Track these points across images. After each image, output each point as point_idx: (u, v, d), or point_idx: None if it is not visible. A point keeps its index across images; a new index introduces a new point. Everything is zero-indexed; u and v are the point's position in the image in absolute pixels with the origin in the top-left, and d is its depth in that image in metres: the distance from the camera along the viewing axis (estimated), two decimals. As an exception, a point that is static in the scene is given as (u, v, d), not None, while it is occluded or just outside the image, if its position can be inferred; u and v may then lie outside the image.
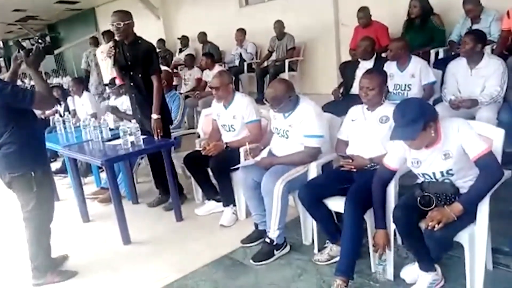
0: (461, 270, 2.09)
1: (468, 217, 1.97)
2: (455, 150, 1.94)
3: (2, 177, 2.49)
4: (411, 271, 2.24)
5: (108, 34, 7.19)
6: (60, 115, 4.32)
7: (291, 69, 5.93)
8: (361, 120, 2.53)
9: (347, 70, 4.37)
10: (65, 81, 8.96)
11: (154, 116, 3.29)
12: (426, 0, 4.44)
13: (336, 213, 2.51)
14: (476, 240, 2.00)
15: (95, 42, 8.17)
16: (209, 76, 5.92)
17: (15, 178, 2.42)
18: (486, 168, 1.89)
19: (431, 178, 2.07)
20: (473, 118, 2.98)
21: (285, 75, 5.73)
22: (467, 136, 1.92)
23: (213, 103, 3.40)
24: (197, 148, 3.51)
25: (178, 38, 7.92)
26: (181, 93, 6.04)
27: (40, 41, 2.43)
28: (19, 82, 2.77)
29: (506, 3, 3.88)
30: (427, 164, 2.04)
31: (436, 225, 1.87)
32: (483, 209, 1.95)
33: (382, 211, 2.18)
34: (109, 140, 3.38)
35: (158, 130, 3.29)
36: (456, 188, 2.03)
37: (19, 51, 2.44)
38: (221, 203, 3.28)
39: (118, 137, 3.19)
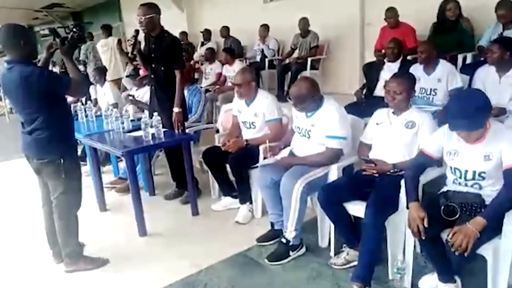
0: (482, 284, 2.03)
1: (493, 230, 1.92)
2: (496, 155, 1.91)
3: (31, 163, 2.52)
4: (430, 281, 2.19)
5: (105, 29, 7.85)
6: (82, 104, 4.36)
7: (313, 67, 5.85)
8: (386, 124, 2.48)
9: (371, 71, 4.31)
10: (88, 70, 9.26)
11: (176, 109, 3.29)
12: (458, 3, 4.31)
13: (355, 217, 2.47)
14: (501, 254, 1.94)
15: (91, 36, 8.95)
16: (229, 71, 5.92)
17: (44, 164, 2.44)
18: (510, 181, 1.85)
19: (460, 177, 2.03)
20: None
21: (307, 73, 5.67)
22: (509, 144, 1.89)
23: (235, 99, 3.39)
24: (216, 144, 3.50)
25: (201, 32, 7.92)
26: (201, 87, 6.07)
27: (74, 30, 2.45)
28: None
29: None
30: (463, 158, 2.00)
31: (460, 247, 1.81)
32: (510, 223, 1.89)
33: (415, 188, 2.09)
34: (130, 131, 3.39)
35: (179, 124, 3.29)
36: (482, 199, 1.98)
37: (54, 39, 2.47)
38: (237, 200, 3.27)
39: (139, 129, 3.20)
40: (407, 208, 2.07)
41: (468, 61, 4.21)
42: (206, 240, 2.95)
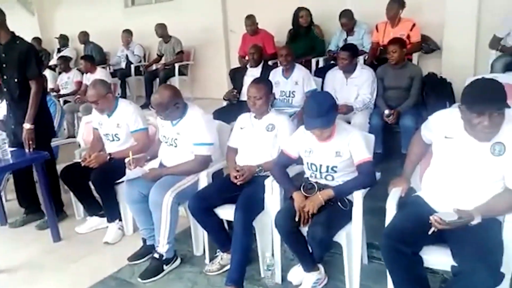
0: (341, 267, 2.23)
1: (345, 218, 2.14)
2: (345, 152, 2.14)
3: None
4: (297, 273, 2.34)
5: None
6: None
7: (181, 73, 5.82)
8: (249, 128, 2.57)
9: (236, 76, 4.44)
10: None
11: (27, 125, 2.93)
12: (309, 11, 4.71)
13: (227, 220, 2.50)
14: (352, 238, 2.15)
15: None
16: (89, 79, 5.49)
17: None
18: (364, 172, 2.13)
19: (316, 170, 2.21)
20: (349, 122, 3.24)
21: (175, 79, 5.62)
22: (357, 143, 2.14)
23: (94, 110, 3.15)
24: (77, 160, 3.21)
25: (56, 38, 7.24)
26: (61, 96, 5.55)
27: None
28: None
29: (376, 18, 4.33)
30: (318, 155, 2.19)
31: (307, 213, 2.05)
32: (357, 209, 2.12)
33: (288, 181, 2.27)
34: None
35: (30, 142, 2.94)
36: None
37: None
38: (105, 219, 3.05)
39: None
40: (290, 198, 2.18)
41: (321, 64, 4.64)
42: (70, 267, 2.68)
